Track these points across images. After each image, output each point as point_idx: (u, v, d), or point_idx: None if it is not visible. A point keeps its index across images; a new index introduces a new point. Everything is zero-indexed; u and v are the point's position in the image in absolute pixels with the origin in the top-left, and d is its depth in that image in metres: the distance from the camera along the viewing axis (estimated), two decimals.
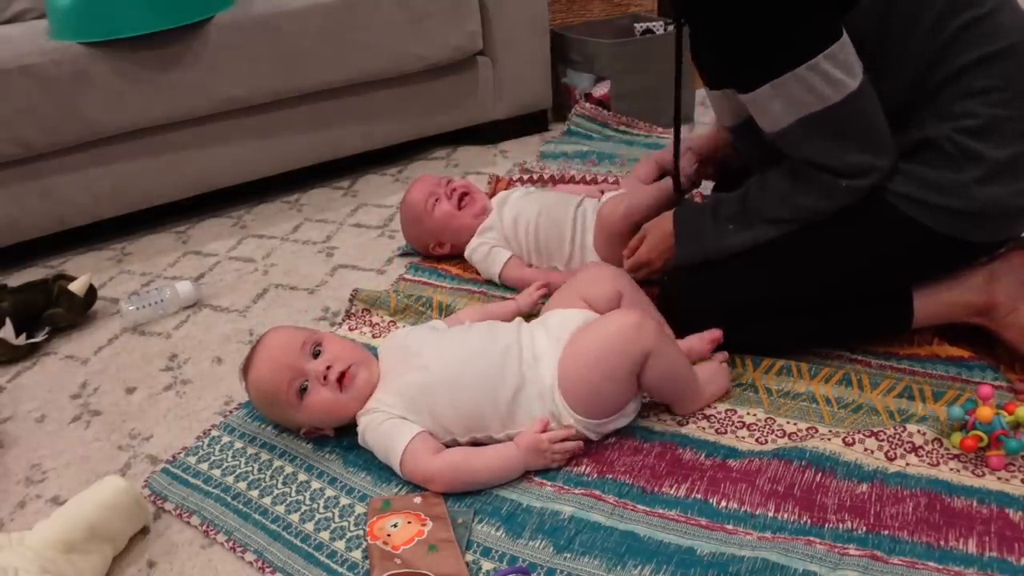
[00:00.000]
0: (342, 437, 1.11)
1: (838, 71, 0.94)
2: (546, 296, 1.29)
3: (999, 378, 1.10)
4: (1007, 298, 1.09)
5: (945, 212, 1.01)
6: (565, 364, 1.02)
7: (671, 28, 2.23)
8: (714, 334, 1.15)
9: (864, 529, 0.89)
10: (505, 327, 1.10)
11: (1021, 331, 1.09)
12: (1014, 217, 1.04)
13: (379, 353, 1.12)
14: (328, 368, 1.04)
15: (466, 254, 1.50)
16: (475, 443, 1.04)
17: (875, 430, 1.00)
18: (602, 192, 1.54)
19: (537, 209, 1.47)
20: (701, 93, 2.39)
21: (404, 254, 1.64)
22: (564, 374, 1.01)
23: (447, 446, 1.04)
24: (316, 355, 1.06)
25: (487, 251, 1.46)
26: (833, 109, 0.95)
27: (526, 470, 1.01)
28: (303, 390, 1.05)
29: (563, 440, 1.01)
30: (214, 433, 1.16)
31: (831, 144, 0.99)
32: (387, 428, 1.02)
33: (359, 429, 1.06)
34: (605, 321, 1.04)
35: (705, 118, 2.24)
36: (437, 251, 1.55)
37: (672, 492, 0.98)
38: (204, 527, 1.00)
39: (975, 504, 0.91)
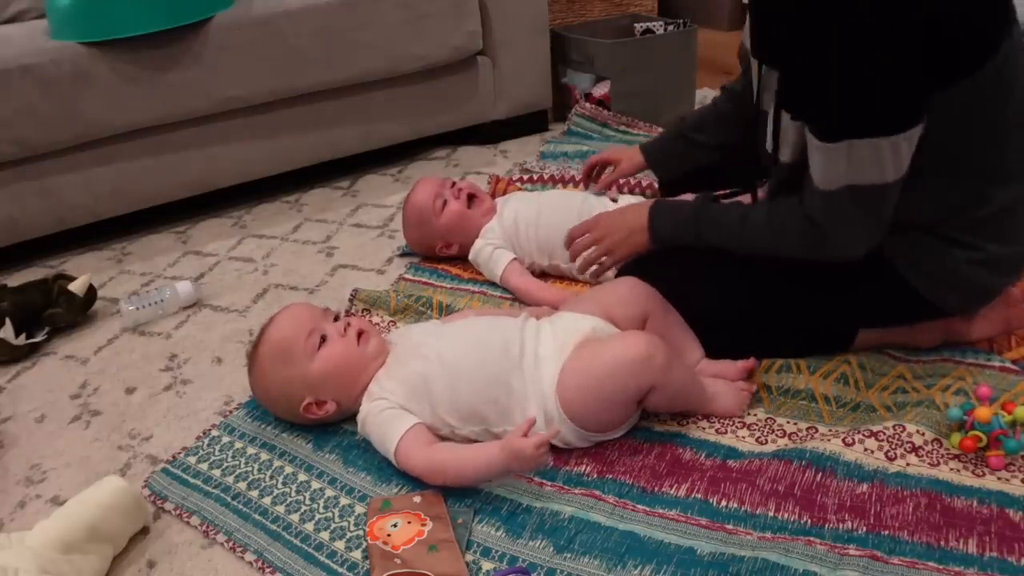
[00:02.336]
0: (342, 437, 1.11)
1: (905, 154, 0.93)
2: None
3: (992, 358, 1.12)
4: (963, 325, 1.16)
5: (932, 277, 1.04)
6: (566, 377, 1.01)
7: (671, 28, 2.23)
8: (747, 364, 1.12)
9: (864, 529, 0.89)
10: (509, 322, 1.10)
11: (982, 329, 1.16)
12: (991, 295, 1.10)
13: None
14: (347, 326, 1.10)
15: (471, 256, 1.50)
16: (474, 436, 1.05)
17: (875, 430, 1.00)
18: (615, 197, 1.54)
19: (537, 208, 1.48)
20: (701, 93, 2.39)
21: (404, 254, 1.64)
22: (564, 387, 1.01)
23: (446, 438, 1.04)
24: (335, 319, 1.13)
25: (491, 252, 1.46)
26: (883, 189, 0.95)
27: (510, 472, 0.99)
28: (323, 340, 1.08)
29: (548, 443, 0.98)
30: (214, 433, 1.16)
31: (856, 218, 0.98)
32: (386, 417, 1.03)
33: (360, 417, 1.06)
34: (614, 345, 1.01)
35: None
36: (444, 252, 1.54)
37: (672, 492, 0.98)
38: (204, 527, 1.00)
39: (975, 504, 0.91)
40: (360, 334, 1.10)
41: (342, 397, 1.09)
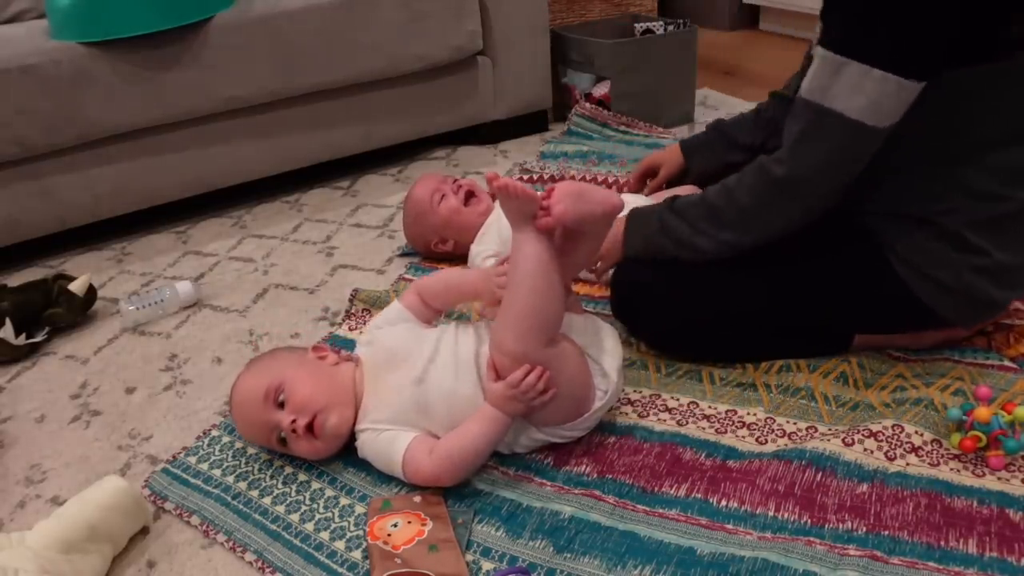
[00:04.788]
0: None
1: (888, 105, 0.93)
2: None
3: (991, 356, 1.13)
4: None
5: (933, 283, 1.03)
6: None
7: (671, 28, 2.23)
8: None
9: (864, 529, 0.89)
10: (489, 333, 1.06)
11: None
12: (994, 310, 1.09)
13: (363, 355, 1.09)
14: (294, 422, 1.01)
15: (469, 264, 1.50)
16: None
17: (875, 430, 1.00)
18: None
19: None
20: (701, 93, 2.39)
21: (404, 254, 1.64)
22: None
23: None
24: (282, 404, 1.02)
25: (481, 263, 1.45)
26: (848, 126, 0.95)
27: (513, 418, 0.98)
28: (282, 440, 1.04)
29: (524, 378, 0.95)
30: (214, 433, 1.16)
31: (816, 143, 0.98)
32: (384, 440, 1.01)
33: (357, 444, 1.05)
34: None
35: (704, 118, 2.23)
36: (440, 248, 1.54)
37: (672, 492, 0.98)
38: (204, 527, 1.00)
39: (975, 504, 0.91)
40: (311, 424, 1.01)
41: (335, 450, 1.07)
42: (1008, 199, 0.99)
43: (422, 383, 1.02)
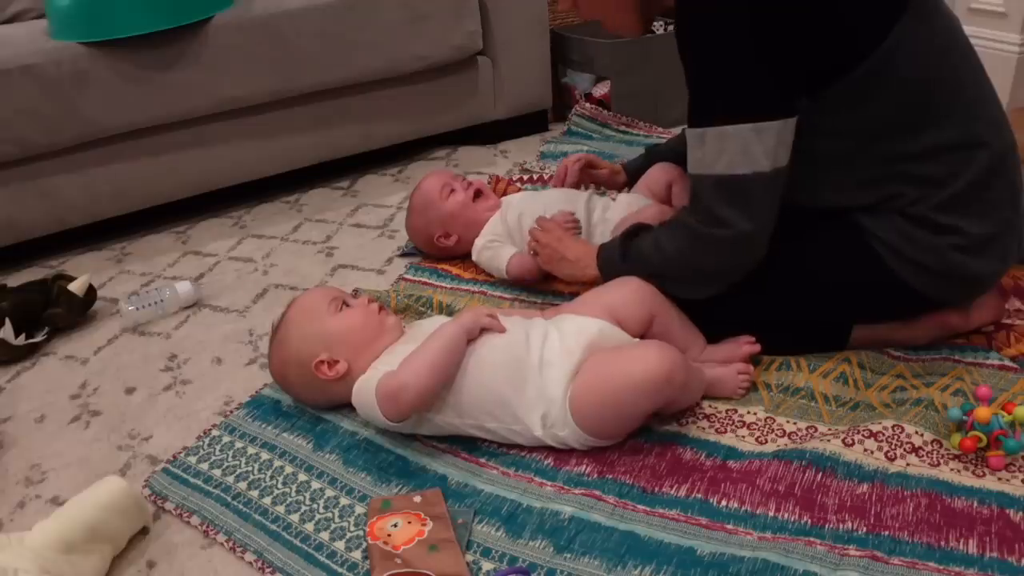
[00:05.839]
0: (342, 437, 1.11)
1: (757, 151, 0.97)
2: None
3: (991, 356, 1.12)
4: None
5: (919, 267, 1.04)
6: (580, 391, 1.00)
7: (671, 28, 2.23)
8: (751, 347, 1.14)
9: (864, 529, 0.89)
10: (519, 323, 1.10)
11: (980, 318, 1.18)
12: (980, 285, 1.10)
13: (405, 329, 1.16)
14: (370, 301, 1.15)
15: (473, 255, 1.50)
16: (470, 431, 1.07)
17: (875, 430, 1.00)
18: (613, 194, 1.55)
19: (542, 205, 1.47)
20: None
21: (404, 254, 1.64)
22: (578, 399, 1.00)
23: (454, 438, 1.07)
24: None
25: (494, 249, 1.46)
26: (740, 180, 0.99)
27: (469, 336, 1.05)
28: (344, 304, 1.14)
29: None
30: (214, 433, 1.16)
31: (723, 203, 1.02)
32: (370, 379, 1.05)
33: (356, 387, 1.07)
34: (631, 361, 1.01)
35: None
36: (442, 243, 1.54)
37: (672, 492, 0.98)
38: (204, 527, 1.00)
39: (975, 504, 0.91)
40: (381, 308, 1.15)
41: (354, 359, 1.10)
42: (951, 177, 1.00)
43: None
